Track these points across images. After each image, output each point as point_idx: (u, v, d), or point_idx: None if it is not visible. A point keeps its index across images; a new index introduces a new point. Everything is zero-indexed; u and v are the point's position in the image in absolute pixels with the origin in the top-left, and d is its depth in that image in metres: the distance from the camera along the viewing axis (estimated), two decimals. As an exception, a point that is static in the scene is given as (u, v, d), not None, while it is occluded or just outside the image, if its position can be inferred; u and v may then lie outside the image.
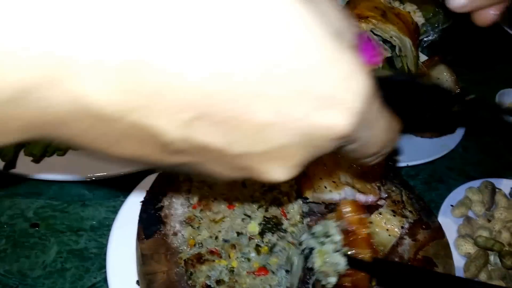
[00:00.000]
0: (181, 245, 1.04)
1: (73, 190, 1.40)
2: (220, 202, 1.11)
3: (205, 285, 0.96)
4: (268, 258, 1.02)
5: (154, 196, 1.13)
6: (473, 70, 2.33)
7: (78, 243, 1.27)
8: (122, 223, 1.20)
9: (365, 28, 1.61)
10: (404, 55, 1.65)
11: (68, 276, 1.19)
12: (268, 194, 1.16)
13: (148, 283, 0.97)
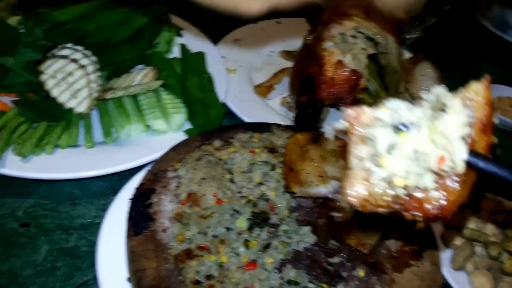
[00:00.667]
0: (170, 241, 1.04)
1: (63, 189, 1.40)
2: (208, 198, 1.11)
3: (195, 280, 0.96)
4: (257, 253, 1.02)
5: (143, 193, 1.14)
6: (456, 66, 2.36)
7: (68, 241, 1.27)
8: (112, 221, 1.20)
9: (349, 26, 1.62)
10: (387, 52, 1.66)
11: (59, 275, 1.19)
12: (256, 190, 1.16)
13: (138, 279, 0.97)
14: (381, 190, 0.65)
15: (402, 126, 0.64)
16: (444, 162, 0.62)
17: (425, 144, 0.63)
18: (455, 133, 0.63)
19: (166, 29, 1.82)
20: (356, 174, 0.66)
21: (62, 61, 1.46)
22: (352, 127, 0.66)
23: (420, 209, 0.65)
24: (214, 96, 1.65)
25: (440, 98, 0.65)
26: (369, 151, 0.66)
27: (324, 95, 1.53)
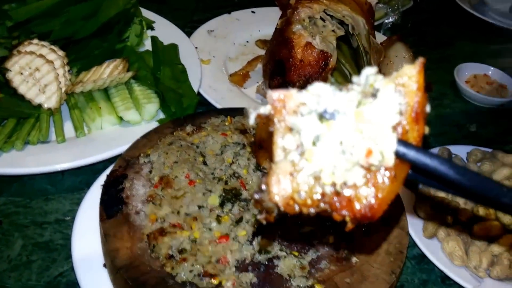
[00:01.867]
0: (143, 221, 1.08)
1: (35, 185, 1.43)
2: (181, 179, 1.16)
3: (168, 255, 1.00)
4: (229, 227, 1.07)
5: (115, 179, 1.17)
6: (433, 48, 2.43)
7: (43, 236, 1.29)
8: (86, 212, 1.23)
9: (318, 9, 1.67)
10: (357, 33, 1.71)
11: (35, 268, 1.22)
12: (228, 170, 1.21)
13: (112, 259, 1.00)
14: (308, 187, 0.60)
15: (327, 113, 0.58)
16: (372, 155, 0.57)
17: (353, 135, 0.58)
18: (384, 122, 0.58)
19: (136, 22, 1.86)
20: (281, 169, 0.60)
21: (28, 57, 1.49)
22: (276, 113, 0.61)
23: (349, 208, 0.60)
24: (187, 86, 1.69)
25: (370, 82, 0.59)
26: (295, 141, 0.60)
27: (295, 77, 1.58)
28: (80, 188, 1.43)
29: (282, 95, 0.60)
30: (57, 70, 1.52)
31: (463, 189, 0.59)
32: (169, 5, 2.36)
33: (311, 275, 1.01)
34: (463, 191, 0.61)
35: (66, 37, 1.64)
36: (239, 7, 2.31)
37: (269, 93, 0.61)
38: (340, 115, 0.58)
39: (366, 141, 0.57)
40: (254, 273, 1.00)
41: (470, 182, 0.59)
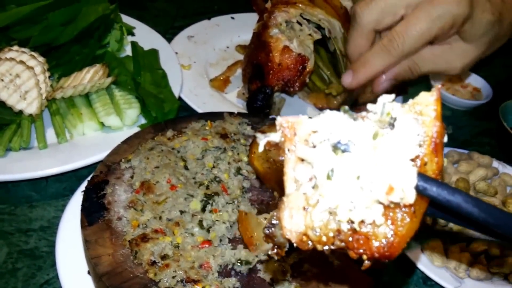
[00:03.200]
0: (125, 227, 1.06)
1: (20, 192, 1.40)
2: (162, 184, 1.14)
3: (150, 261, 0.98)
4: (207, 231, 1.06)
5: (96, 185, 1.15)
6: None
7: (28, 243, 1.27)
8: (70, 219, 1.21)
9: (294, 13, 1.66)
10: (333, 36, 1.71)
11: (20, 275, 1.19)
12: (209, 174, 1.19)
13: (94, 266, 0.98)
14: (323, 224, 0.55)
15: (341, 144, 0.53)
16: (393, 192, 0.52)
17: (370, 170, 0.52)
18: (403, 155, 0.53)
19: (116, 28, 1.83)
20: (294, 202, 0.55)
21: (9, 63, 1.46)
22: (286, 140, 0.56)
23: (366, 246, 0.55)
24: (168, 91, 1.66)
25: (387, 110, 0.55)
26: (308, 173, 0.55)
27: (273, 81, 1.57)
28: (64, 195, 1.40)
29: (292, 122, 0.56)
30: (37, 76, 1.49)
31: (488, 227, 0.55)
32: (150, 12, 2.34)
33: (294, 278, 1.00)
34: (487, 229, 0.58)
35: (46, 43, 1.60)
36: (219, 13, 2.30)
37: (278, 119, 0.56)
38: (356, 147, 0.53)
39: (385, 176, 0.52)
40: (237, 278, 0.99)
41: (496, 221, 0.55)
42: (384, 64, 1.20)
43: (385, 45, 1.14)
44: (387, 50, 1.14)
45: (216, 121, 1.38)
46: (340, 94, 1.73)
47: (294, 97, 1.88)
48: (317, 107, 1.84)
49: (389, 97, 0.55)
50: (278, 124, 0.56)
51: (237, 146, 1.29)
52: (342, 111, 0.55)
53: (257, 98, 1.56)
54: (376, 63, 1.20)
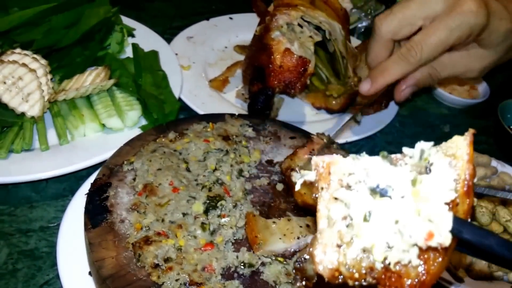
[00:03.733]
0: (128, 230, 1.05)
1: (20, 193, 1.39)
2: (164, 186, 1.13)
3: (154, 264, 0.98)
4: (213, 235, 1.05)
5: (99, 187, 1.14)
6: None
7: (28, 244, 1.26)
8: (71, 220, 1.20)
9: (295, 16, 1.66)
10: (334, 38, 1.71)
11: (20, 276, 1.18)
12: (211, 176, 1.19)
13: (97, 269, 0.98)
14: (356, 261, 0.56)
15: (381, 189, 0.55)
16: (433, 239, 0.52)
17: (409, 214, 0.53)
18: (439, 199, 0.53)
19: (117, 30, 1.83)
20: (327, 239, 0.57)
21: (11, 66, 1.45)
22: (321, 179, 0.58)
23: (398, 284, 0.56)
24: (169, 92, 1.66)
25: (425, 156, 0.56)
26: (342, 212, 0.57)
27: (274, 83, 1.57)
28: (64, 195, 1.39)
29: (327, 162, 0.57)
30: (39, 78, 1.48)
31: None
32: (148, 12, 2.33)
33: (297, 281, 1.00)
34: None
35: (49, 46, 1.60)
36: (217, 13, 2.29)
37: (314, 159, 0.58)
38: (395, 192, 0.54)
39: (424, 222, 0.53)
40: (240, 280, 0.99)
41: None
42: (402, 72, 1.22)
43: (403, 54, 1.17)
44: (405, 59, 1.16)
45: (217, 122, 1.37)
46: (340, 95, 1.73)
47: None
48: (315, 106, 1.84)
49: (428, 144, 0.56)
50: (313, 164, 0.58)
51: (239, 148, 1.29)
52: (381, 157, 0.57)
53: (258, 99, 1.56)
54: (394, 71, 1.23)
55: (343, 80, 1.78)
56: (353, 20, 2.45)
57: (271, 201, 1.19)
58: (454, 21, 1.09)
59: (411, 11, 1.18)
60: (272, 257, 1.03)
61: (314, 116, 1.83)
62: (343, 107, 1.76)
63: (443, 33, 1.11)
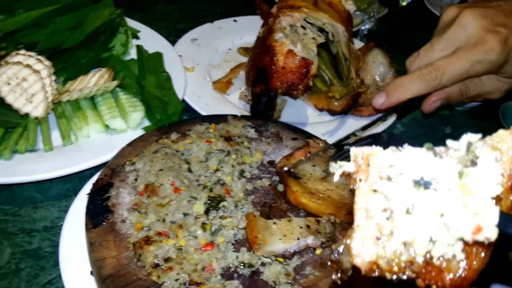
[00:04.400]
0: (129, 230, 1.05)
1: (24, 193, 1.39)
2: (166, 187, 1.12)
3: (154, 264, 0.97)
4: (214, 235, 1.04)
5: (100, 187, 1.14)
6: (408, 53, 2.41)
7: (31, 243, 1.26)
8: (73, 220, 1.20)
9: (298, 17, 1.65)
10: (337, 40, 1.70)
11: (23, 276, 1.18)
12: (213, 177, 1.18)
13: (98, 268, 0.97)
14: (396, 254, 0.54)
15: (425, 181, 0.53)
16: (480, 233, 0.50)
17: (455, 207, 0.51)
18: (487, 193, 0.51)
19: (121, 32, 1.82)
20: (365, 232, 0.55)
21: (16, 67, 1.45)
22: (359, 171, 0.56)
23: (438, 278, 0.54)
24: (172, 93, 1.66)
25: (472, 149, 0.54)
26: (382, 204, 0.55)
27: (277, 84, 1.56)
28: (68, 196, 1.39)
29: (367, 153, 0.56)
30: (43, 79, 1.48)
31: None
32: (153, 15, 2.33)
33: (296, 281, 0.99)
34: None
35: (53, 47, 1.60)
36: (221, 16, 2.29)
37: (353, 150, 0.56)
38: (441, 184, 0.52)
39: (471, 215, 0.51)
40: (240, 280, 0.98)
41: None
42: (418, 92, 1.23)
43: (424, 74, 1.18)
44: (425, 80, 1.18)
45: (220, 124, 1.36)
46: (343, 97, 1.72)
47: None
48: (318, 108, 1.83)
49: (475, 137, 0.55)
50: (352, 155, 0.56)
51: (241, 149, 1.28)
52: (426, 148, 0.55)
53: (261, 101, 1.56)
54: (411, 89, 1.24)
55: (345, 81, 1.77)
56: (356, 22, 2.43)
57: (272, 202, 1.18)
58: (476, 55, 1.14)
59: (436, 54, 1.20)
60: (272, 258, 1.02)
61: (316, 118, 1.82)
62: (345, 108, 1.74)
63: (465, 64, 1.14)
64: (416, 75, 1.20)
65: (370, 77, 1.91)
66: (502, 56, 1.13)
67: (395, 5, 2.84)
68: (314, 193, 1.16)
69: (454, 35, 1.17)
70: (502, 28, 1.12)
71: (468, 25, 1.14)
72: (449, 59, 1.15)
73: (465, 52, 1.14)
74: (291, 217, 1.12)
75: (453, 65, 1.14)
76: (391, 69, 1.89)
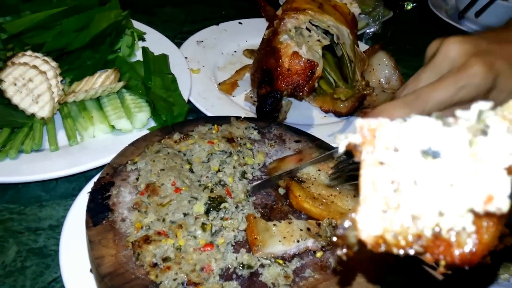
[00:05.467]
0: (129, 229, 1.03)
1: (30, 192, 1.38)
2: (167, 187, 1.11)
3: (152, 263, 0.95)
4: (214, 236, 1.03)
5: (102, 186, 1.13)
6: (412, 55, 2.39)
7: (37, 242, 1.25)
8: (75, 218, 1.19)
9: (303, 19, 1.64)
10: (342, 42, 1.68)
11: (29, 274, 1.18)
12: (214, 178, 1.16)
13: (97, 266, 0.96)
14: (403, 227, 0.52)
15: (434, 151, 0.50)
16: (492, 202, 0.48)
17: (465, 177, 0.49)
18: (499, 164, 0.49)
19: (127, 33, 1.82)
20: (371, 205, 0.53)
21: (22, 68, 1.45)
22: (365, 143, 0.53)
23: (448, 252, 0.52)
24: (178, 94, 1.65)
25: (482, 118, 0.51)
26: (389, 176, 0.52)
27: (282, 86, 1.55)
28: (73, 195, 1.38)
29: (372, 124, 0.53)
30: (50, 80, 1.48)
31: None
32: (159, 17, 2.33)
33: (295, 283, 0.97)
34: None
35: (59, 49, 1.60)
36: (227, 18, 2.28)
37: (358, 121, 0.54)
38: (449, 153, 0.50)
39: (482, 185, 0.49)
40: (238, 281, 0.96)
41: None
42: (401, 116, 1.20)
43: (408, 101, 1.17)
44: (410, 106, 1.16)
45: (222, 125, 1.35)
46: (348, 99, 1.70)
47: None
48: (323, 110, 1.81)
49: (486, 105, 0.52)
50: (358, 126, 0.54)
51: (243, 150, 1.26)
52: (434, 117, 0.52)
53: (267, 102, 1.54)
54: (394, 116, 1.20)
55: (350, 83, 1.75)
56: (361, 25, 2.41)
57: (273, 204, 1.16)
58: (460, 81, 1.09)
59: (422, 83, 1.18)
60: (271, 259, 1.00)
61: (322, 119, 1.80)
62: (350, 110, 1.73)
63: (450, 90, 1.11)
64: (401, 101, 1.18)
65: (375, 79, 1.89)
66: (487, 80, 1.09)
67: (400, 8, 2.81)
68: (317, 198, 1.14)
69: (438, 63, 1.15)
70: (486, 53, 1.10)
71: (451, 51, 1.12)
72: (433, 86, 1.13)
73: (449, 78, 1.10)
74: (292, 219, 1.10)
75: (437, 92, 1.12)
76: (396, 72, 1.87)
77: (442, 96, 1.10)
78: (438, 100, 1.11)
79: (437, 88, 1.12)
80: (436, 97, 1.11)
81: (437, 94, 1.11)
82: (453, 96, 1.10)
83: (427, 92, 1.12)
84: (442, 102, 1.11)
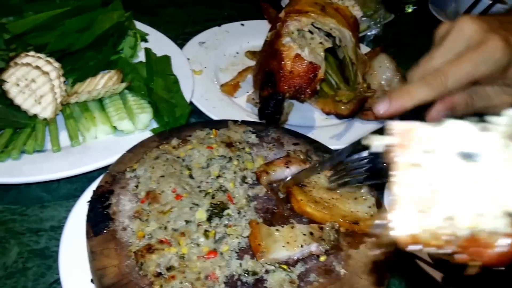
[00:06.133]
0: (130, 238, 1.01)
1: (31, 193, 1.36)
2: (167, 194, 1.08)
3: (156, 273, 0.93)
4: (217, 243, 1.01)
5: (101, 195, 1.10)
6: (414, 58, 2.36)
7: (38, 243, 1.23)
8: (75, 222, 1.16)
9: (306, 22, 1.62)
10: (344, 45, 1.66)
11: (30, 275, 1.16)
12: (215, 183, 1.14)
13: (99, 278, 0.93)
14: (439, 227, 0.52)
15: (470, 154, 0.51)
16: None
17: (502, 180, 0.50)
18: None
19: (130, 34, 1.79)
20: (406, 206, 0.53)
21: (25, 68, 1.42)
22: (400, 145, 0.54)
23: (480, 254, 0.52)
24: (180, 96, 1.62)
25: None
26: (423, 177, 0.53)
27: (285, 88, 1.53)
28: (75, 196, 1.35)
29: (406, 127, 0.54)
30: (52, 81, 1.45)
31: None
32: (161, 18, 2.30)
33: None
34: None
35: (62, 49, 1.57)
36: (229, 20, 2.26)
37: (391, 124, 0.55)
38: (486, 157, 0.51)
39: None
40: (243, 288, 0.93)
41: None
42: (423, 98, 1.17)
43: (428, 80, 1.13)
44: (430, 85, 1.13)
45: (220, 129, 1.32)
46: (350, 101, 1.68)
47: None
48: (325, 112, 1.80)
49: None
50: (391, 128, 0.55)
51: (242, 155, 1.24)
52: (469, 122, 0.54)
53: (269, 104, 1.52)
54: (416, 95, 1.18)
55: (352, 86, 1.73)
56: (363, 28, 2.39)
57: (274, 208, 1.14)
58: (480, 55, 1.07)
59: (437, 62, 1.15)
60: (275, 265, 0.98)
61: (323, 121, 1.78)
62: (352, 112, 1.71)
63: (469, 65, 1.09)
64: (421, 81, 1.15)
65: (376, 82, 1.87)
66: (506, 55, 1.07)
67: (401, 11, 2.79)
68: (319, 201, 1.12)
69: (454, 41, 1.13)
70: (502, 30, 1.08)
71: (466, 29, 1.10)
72: (453, 62, 1.10)
73: (468, 54, 1.08)
74: (294, 223, 1.08)
75: (457, 68, 1.09)
76: (397, 74, 1.85)
77: (463, 72, 1.08)
78: (459, 77, 1.08)
79: (457, 64, 1.09)
80: (457, 73, 1.08)
81: (458, 71, 1.09)
82: (474, 72, 1.08)
83: (447, 69, 1.09)
84: (462, 77, 1.09)
